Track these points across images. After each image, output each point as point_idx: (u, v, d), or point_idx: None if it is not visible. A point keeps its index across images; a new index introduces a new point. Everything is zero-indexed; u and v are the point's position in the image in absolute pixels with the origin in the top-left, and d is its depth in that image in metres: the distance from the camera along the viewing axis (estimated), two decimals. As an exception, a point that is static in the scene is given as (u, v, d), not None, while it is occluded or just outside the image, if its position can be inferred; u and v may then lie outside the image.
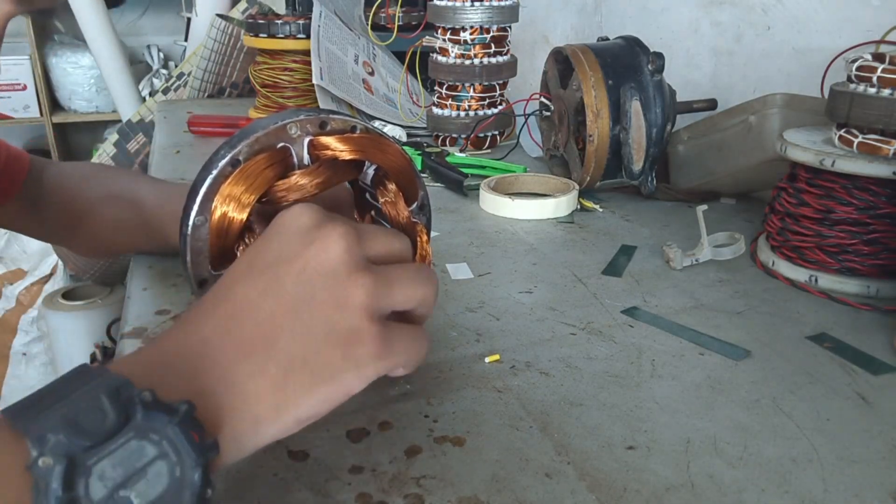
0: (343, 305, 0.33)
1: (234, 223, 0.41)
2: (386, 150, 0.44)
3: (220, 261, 0.42)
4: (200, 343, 0.33)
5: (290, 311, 0.33)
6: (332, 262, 0.33)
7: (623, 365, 0.50)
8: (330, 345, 0.33)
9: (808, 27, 0.85)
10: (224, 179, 0.40)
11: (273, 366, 0.32)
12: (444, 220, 0.78)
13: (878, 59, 0.58)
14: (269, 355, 0.32)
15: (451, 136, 1.05)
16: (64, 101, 2.68)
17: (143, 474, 0.27)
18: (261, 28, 1.13)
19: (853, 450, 0.41)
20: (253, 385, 0.32)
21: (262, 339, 0.32)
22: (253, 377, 0.32)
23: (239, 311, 0.33)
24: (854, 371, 0.50)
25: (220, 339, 0.33)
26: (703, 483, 0.39)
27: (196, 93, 1.55)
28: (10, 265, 2.03)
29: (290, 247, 0.34)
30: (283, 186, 0.41)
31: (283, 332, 0.33)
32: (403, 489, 0.38)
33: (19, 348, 1.93)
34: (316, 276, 0.33)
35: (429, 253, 0.47)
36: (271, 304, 0.33)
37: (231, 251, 0.42)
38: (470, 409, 0.45)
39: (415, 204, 0.47)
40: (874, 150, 0.58)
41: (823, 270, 0.62)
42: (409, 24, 1.24)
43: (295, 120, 0.41)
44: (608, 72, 0.79)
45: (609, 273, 0.65)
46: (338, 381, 0.33)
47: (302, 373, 0.32)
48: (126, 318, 0.56)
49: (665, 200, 0.85)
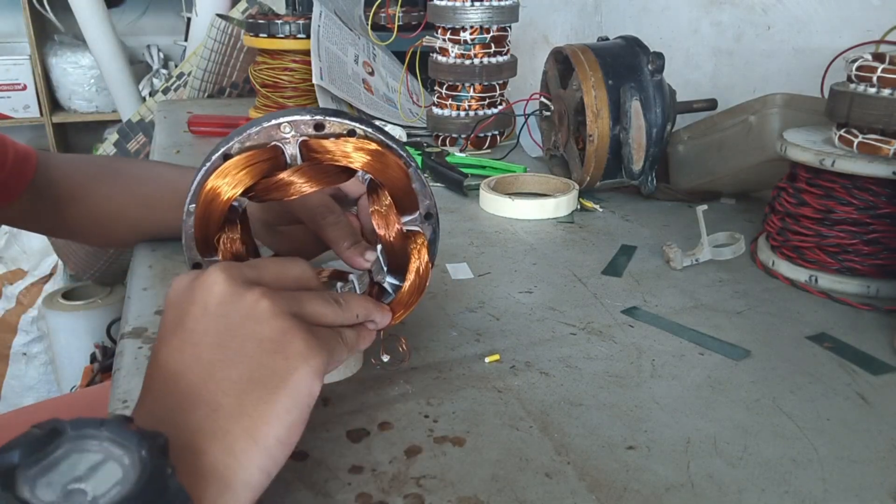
0: (255, 316, 0.35)
1: (213, 215, 0.42)
2: (381, 161, 0.43)
3: (204, 248, 0.44)
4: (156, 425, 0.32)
5: (212, 346, 0.34)
6: (221, 289, 0.35)
7: (623, 365, 0.50)
8: (267, 354, 0.34)
9: (808, 27, 0.85)
10: (214, 171, 0.41)
11: (222, 397, 0.33)
12: (444, 220, 0.78)
13: (878, 59, 0.58)
14: (215, 391, 0.33)
15: (451, 136, 1.05)
16: (64, 101, 2.68)
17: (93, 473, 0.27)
18: (261, 28, 1.13)
19: (853, 450, 0.41)
20: (210, 424, 0.32)
21: (201, 383, 0.33)
22: (208, 418, 0.32)
23: (169, 375, 0.34)
24: (854, 371, 0.50)
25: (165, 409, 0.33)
26: (703, 483, 0.39)
27: (196, 93, 1.55)
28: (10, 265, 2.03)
29: (181, 304, 0.36)
30: (269, 184, 0.42)
31: (217, 366, 0.33)
32: (403, 489, 0.38)
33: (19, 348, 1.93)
34: (216, 308, 0.35)
35: (424, 264, 0.47)
36: (191, 352, 0.34)
37: (212, 240, 0.43)
38: (470, 409, 0.45)
39: (417, 213, 0.46)
40: (874, 150, 0.58)
41: (823, 270, 0.62)
42: (409, 24, 1.24)
43: (289, 119, 0.41)
44: (608, 72, 0.79)
45: (609, 273, 0.65)
46: (293, 384, 0.34)
47: (254, 390, 0.33)
48: (126, 318, 0.56)
49: (665, 200, 0.85)
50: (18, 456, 0.26)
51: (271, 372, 0.33)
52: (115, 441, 0.27)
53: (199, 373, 0.33)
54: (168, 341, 0.35)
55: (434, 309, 0.57)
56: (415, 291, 0.47)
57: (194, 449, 0.31)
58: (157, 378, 0.35)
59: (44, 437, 0.27)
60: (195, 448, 0.32)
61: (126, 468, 0.27)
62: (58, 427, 0.27)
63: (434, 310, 0.57)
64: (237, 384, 0.33)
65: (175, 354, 0.34)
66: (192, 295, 0.36)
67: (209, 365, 0.34)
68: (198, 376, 0.33)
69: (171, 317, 0.36)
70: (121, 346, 0.52)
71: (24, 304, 1.97)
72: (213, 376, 0.33)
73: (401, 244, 0.46)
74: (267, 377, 0.33)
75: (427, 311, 0.57)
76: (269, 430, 0.33)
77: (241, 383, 0.33)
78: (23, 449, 0.26)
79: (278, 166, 0.42)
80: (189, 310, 0.35)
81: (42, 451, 0.26)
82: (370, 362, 0.49)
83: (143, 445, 0.27)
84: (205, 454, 0.31)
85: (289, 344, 0.34)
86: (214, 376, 0.33)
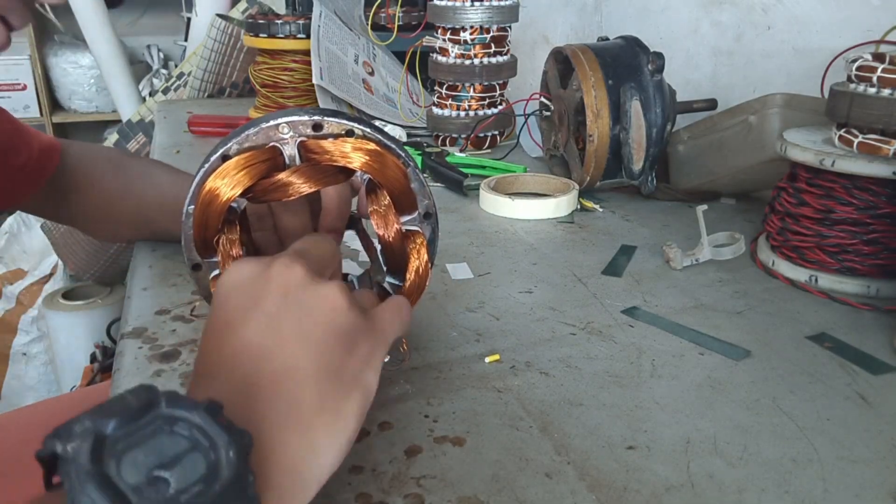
0: (336, 308, 0.34)
1: (212, 216, 0.42)
2: (380, 161, 0.43)
3: (203, 249, 0.44)
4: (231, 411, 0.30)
5: (295, 335, 0.33)
6: (302, 277, 0.35)
7: (623, 365, 0.50)
8: (344, 349, 0.34)
9: (808, 27, 0.85)
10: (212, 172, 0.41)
11: (303, 390, 0.32)
12: (444, 220, 0.78)
13: (878, 59, 0.58)
14: (297, 383, 0.32)
15: (451, 136, 1.05)
16: (64, 100, 2.68)
17: (178, 461, 0.26)
18: (261, 28, 1.13)
19: (853, 450, 0.41)
20: (295, 417, 0.31)
21: (283, 371, 0.32)
22: (292, 410, 0.32)
23: (253, 358, 0.33)
24: (854, 371, 0.50)
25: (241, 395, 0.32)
26: (703, 483, 0.39)
27: (196, 93, 1.55)
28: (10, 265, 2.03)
29: (254, 287, 0.35)
30: (268, 184, 0.42)
31: (300, 357, 0.33)
32: (403, 489, 0.38)
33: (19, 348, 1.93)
34: (297, 294, 0.34)
35: (423, 263, 0.47)
36: (274, 337, 0.33)
37: (211, 242, 0.43)
38: (470, 409, 0.45)
39: (416, 213, 0.46)
40: (874, 150, 0.58)
41: (823, 270, 0.62)
42: (409, 24, 1.24)
43: (287, 120, 0.41)
44: (608, 72, 0.79)
45: (609, 273, 0.65)
46: (364, 382, 0.34)
47: (332, 386, 0.33)
48: (126, 318, 0.56)
49: (665, 200, 0.85)
50: (113, 426, 0.25)
51: (346, 369, 0.34)
52: (205, 432, 0.26)
53: (283, 361, 0.33)
54: (246, 323, 0.34)
55: (434, 309, 0.57)
56: (414, 291, 0.47)
57: (275, 441, 0.31)
58: (233, 359, 0.33)
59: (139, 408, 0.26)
60: (276, 440, 0.31)
61: (211, 465, 0.26)
62: (152, 399, 0.26)
63: (434, 310, 0.57)
64: (315, 377, 0.33)
65: (257, 337, 0.33)
66: (269, 278, 0.35)
67: (292, 355, 0.33)
68: (281, 365, 0.32)
69: (242, 300, 0.35)
70: (121, 346, 0.52)
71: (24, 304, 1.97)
72: (296, 367, 0.33)
73: (400, 244, 0.46)
74: (343, 373, 0.33)
75: (427, 311, 0.57)
76: (346, 427, 0.33)
77: (319, 377, 0.33)
78: (119, 419, 0.25)
79: (277, 167, 0.42)
80: (266, 293, 0.34)
81: (135, 423, 0.26)
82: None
83: (232, 446, 0.26)
84: (286, 446, 0.31)
85: (358, 343, 0.35)
86: (298, 366, 0.33)
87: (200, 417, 0.27)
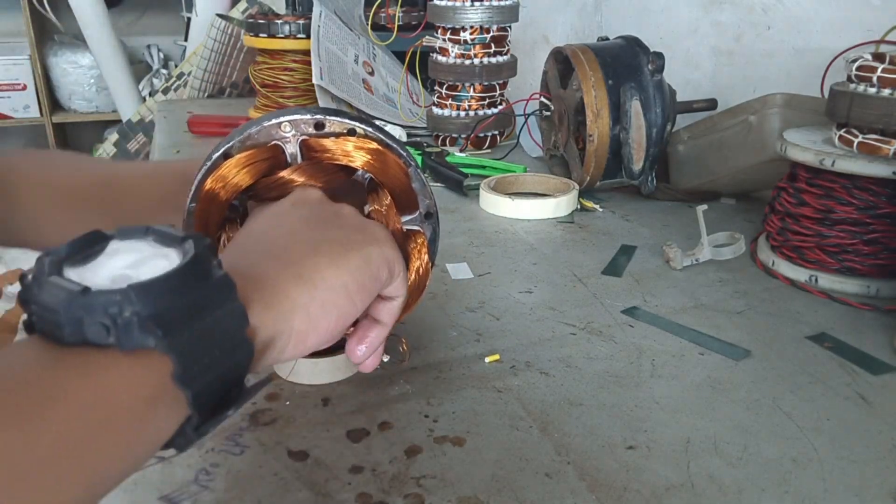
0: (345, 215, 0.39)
1: (213, 213, 0.42)
2: (381, 160, 0.43)
3: None
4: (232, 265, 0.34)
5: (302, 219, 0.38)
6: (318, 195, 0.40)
7: (623, 365, 0.50)
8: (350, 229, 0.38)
9: (808, 27, 0.85)
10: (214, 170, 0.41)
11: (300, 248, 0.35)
12: (444, 220, 0.78)
13: (878, 59, 0.58)
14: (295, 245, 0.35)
15: (451, 136, 1.05)
16: (64, 100, 2.68)
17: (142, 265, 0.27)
18: (261, 28, 1.13)
19: (853, 450, 0.41)
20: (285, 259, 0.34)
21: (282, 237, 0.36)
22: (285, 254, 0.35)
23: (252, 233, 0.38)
24: (854, 371, 0.50)
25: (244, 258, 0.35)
26: (703, 483, 0.39)
27: (196, 93, 1.55)
28: (10, 265, 2.03)
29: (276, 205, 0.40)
30: (269, 182, 0.42)
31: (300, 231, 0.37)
32: (403, 489, 0.38)
33: (19, 348, 1.93)
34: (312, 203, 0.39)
35: (424, 263, 0.47)
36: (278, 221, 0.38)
37: (213, 239, 0.43)
38: (470, 409, 0.45)
39: (417, 213, 0.46)
40: (874, 150, 0.58)
41: (823, 270, 0.62)
42: (409, 24, 1.24)
43: (289, 119, 0.41)
44: (608, 72, 0.79)
45: (609, 273, 0.65)
46: (367, 250, 0.37)
47: (331, 245, 0.36)
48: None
49: (665, 200, 0.85)
50: (66, 250, 0.27)
51: (350, 239, 0.37)
52: (162, 240, 0.28)
53: (283, 234, 0.36)
54: (257, 219, 0.39)
55: (434, 309, 0.57)
56: (415, 291, 0.47)
57: (263, 272, 0.33)
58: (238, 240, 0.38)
59: (90, 238, 0.28)
60: (265, 271, 0.33)
61: (173, 261, 0.27)
62: (103, 232, 0.28)
63: (434, 310, 0.57)
64: (316, 242, 0.36)
65: (261, 222, 0.38)
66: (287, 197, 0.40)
67: (291, 230, 0.37)
68: (282, 236, 0.36)
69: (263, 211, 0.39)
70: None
71: (24, 304, 1.97)
72: (295, 236, 0.36)
73: (401, 244, 0.46)
74: (345, 240, 0.36)
75: (427, 311, 0.57)
76: (337, 273, 0.35)
77: (319, 242, 0.36)
78: (70, 245, 0.27)
79: (278, 165, 0.42)
80: (283, 204, 0.39)
81: (90, 248, 0.27)
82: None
83: (188, 241, 0.28)
84: (274, 277, 0.33)
85: (372, 229, 0.38)
86: (297, 237, 0.36)
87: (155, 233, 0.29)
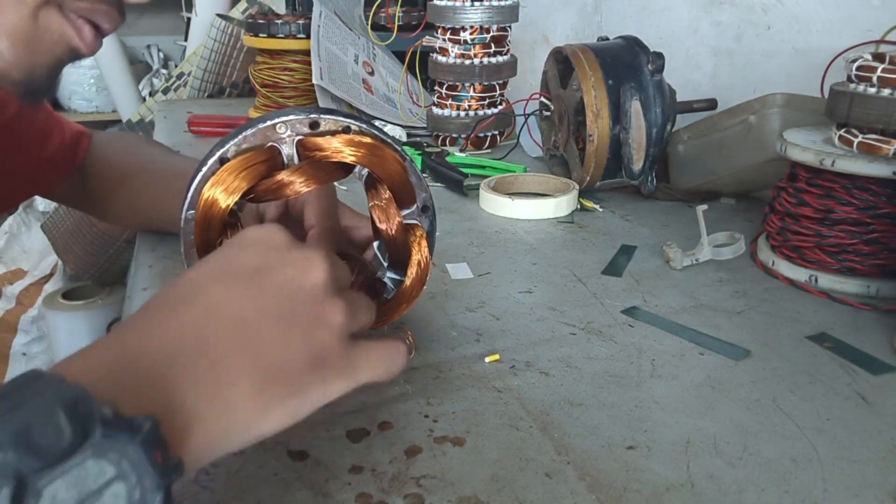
0: (320, 324, 0.33)
1: (214, 219, 0.42)
2: (378, 154, 0.43)
3: (206, 253, 0.43)
4: (170, 345, 0.31)
5: (271, 321, 0.32)
6: (314, 282, 0.34)
7: (623, 365, 0.50)
8: (303, 360, 0.32)
9: (808, 27, 0.85)
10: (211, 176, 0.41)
11: (251, 374, 0.31)
12: (444, 220, 0.78)
13: (878, 59, 0.58)
14: (248, 363, 0.31)
15: (451, 136, 1.05)
16: (64, 100, 2.68)
17: (99, 496, 0.24)
18: (261, 28, 1.13)
19: (853, 450, 0.41)
20: (228, 393, 0.30)
21: (241, 346, 0.31)
22: (230, 386, 0.30)
23: (215, 313, 0.32)
24: (854, 371, 0.50)
25: (193, 341, 0.31)
26: (703, 483, 0.39)
27: (196, 93, 1.55)
28: (10, 265, 2.03)
29: (269, 260, 0.34)
30: (268, 185, 0.42)
31: (263, 341, 0.32)
32: (403, 489, 0.38)
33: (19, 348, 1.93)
34: (299, 292, 0.33)
35: (424, 256, 0.47)
36: (252, 311, 0.32)
37: (214, 245, 0.43)
38: (470, 409, 0.45)
39: (415, 206, 0.47)
40: (874, 150, 0.58)
41: (823, 270, 0.62)
42: (409, 24, 1.24)
43: (284, 119, 0.41)
44: (608, 72, 0.79)
45: (609, 273, 0.65)
46: (305, 396, 0.32)
47: (277, 385, 0.31)
48: (126, 318, 0.56)
49: (665, 200, 0.85)
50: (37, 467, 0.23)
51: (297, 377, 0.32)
52: (136, 466, 0.25)
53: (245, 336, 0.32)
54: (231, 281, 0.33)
55: (434, 309, 0.57)
56: (416, 284, 0.48)
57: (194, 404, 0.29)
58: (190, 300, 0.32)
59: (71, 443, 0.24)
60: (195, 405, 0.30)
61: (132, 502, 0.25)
62: (88, 427, 0.25)
63: (434, 310, 0.57)
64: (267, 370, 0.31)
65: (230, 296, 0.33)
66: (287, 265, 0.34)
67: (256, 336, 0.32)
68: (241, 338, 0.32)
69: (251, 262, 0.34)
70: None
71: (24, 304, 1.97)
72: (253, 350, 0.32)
73: (402, 237, 0.46)
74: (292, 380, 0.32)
75: (427, 310, 0.57)
76: (265, 424, 0.31)
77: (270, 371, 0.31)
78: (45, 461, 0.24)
79: (276, 167, 0.42)
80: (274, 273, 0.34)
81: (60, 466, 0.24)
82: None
83: (160, 490, 0.25)
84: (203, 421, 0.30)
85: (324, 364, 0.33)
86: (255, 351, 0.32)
87: (135, 451, 0.25)
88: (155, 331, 0.32)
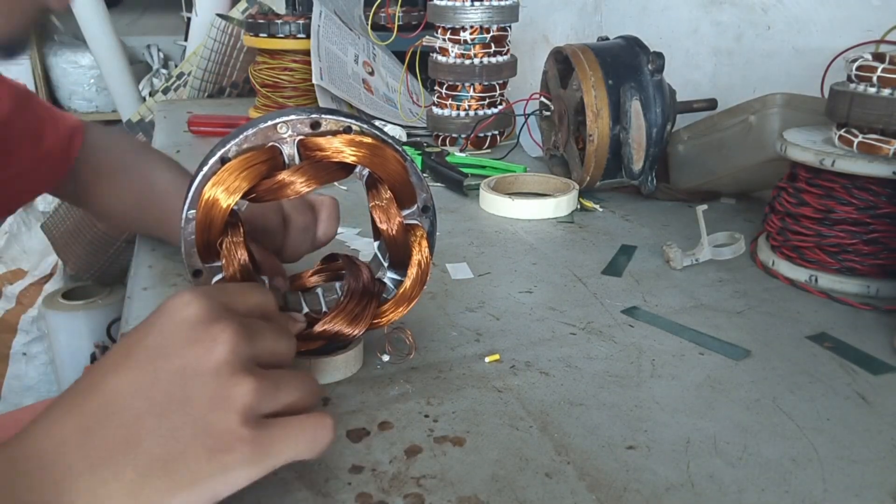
0: (219, 407, 0.32)
1: (215, 219, 0.42)
2: (379, 154, 0.43)
3: (206, 254, 0.43)
4: (58, 445, 0.31)
5: (159, 412, 0.31)
6: (216, 363, 0.32)
7: (623, 365, 0.50)
8: (196, 448, 0.31)
9: (808, 27, 0.85)
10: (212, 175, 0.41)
11: (130, 470, 0.30)
12: (444, 220, 0.78)
13: (878, 59, 0.58)
14: (128, 459, 0.31)
15: (451, 135, 1.05)
16: (64, 100, 2.68)
17: None
18: (261, 28, 1.13)
19: (853, 450, 0.41)
20: (104, 491, 0.30)
21: (124, 442, 0.31)
22: (106, 483, 0.30)
23: (105, 408, 0.31)
24: (854, 371, 0.50)
25: (79, 441, 0.31)
26: (703, 483, 0.39)
27: (196, 93, 1.55)
28: (10, 265, 2.03)
29: (171, 340, 0.33)
30: (269, 184, 0.42)
31: (148, 434, 0.31)
32: (403, 489, 0.38)
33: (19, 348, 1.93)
34: (195, 377, 0.32)
35: (425, 256, 0.47)
36: (140, 402, 0.31)
37: (214, 245, 0.43)
38: (470, 408, 0.45)
39: (415, 206, 0.47)
40: (874, 150, 0.58)
41: (823, 270, 0.62)
42: (409, 24, 1.24)
43: (285, 120, 0.41)
44: (608, 72, 0.79)
45: (609, 273, 0.65)
46: (201, 487, 0.31)
47: (161, 478, 0.30)
48: (126, 319, 0.56)
49: (665, 200, 0.85)
50: None
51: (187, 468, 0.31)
52: None
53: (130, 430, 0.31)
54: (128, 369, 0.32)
55: (434, 309, 0.57)
56: (417, 284, 0.48)
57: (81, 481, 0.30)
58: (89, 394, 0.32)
59: None
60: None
61: None
62: None
63: (434, 310, 0.57)
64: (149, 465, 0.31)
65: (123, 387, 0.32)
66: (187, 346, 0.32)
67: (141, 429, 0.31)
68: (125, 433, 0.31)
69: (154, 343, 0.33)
70: (121, 346, 0.52)
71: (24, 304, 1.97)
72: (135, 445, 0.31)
73: (403, 237, 0.46)
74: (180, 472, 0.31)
75: (427, 310, 0.57)
76: None
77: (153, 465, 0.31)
78: None
79: (277, 167, 0.42)
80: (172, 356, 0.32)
81: None
82: (370, 362, 0.49)
83: None
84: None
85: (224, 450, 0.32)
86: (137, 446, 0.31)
87: None
88: (50, 430, 0.31)
